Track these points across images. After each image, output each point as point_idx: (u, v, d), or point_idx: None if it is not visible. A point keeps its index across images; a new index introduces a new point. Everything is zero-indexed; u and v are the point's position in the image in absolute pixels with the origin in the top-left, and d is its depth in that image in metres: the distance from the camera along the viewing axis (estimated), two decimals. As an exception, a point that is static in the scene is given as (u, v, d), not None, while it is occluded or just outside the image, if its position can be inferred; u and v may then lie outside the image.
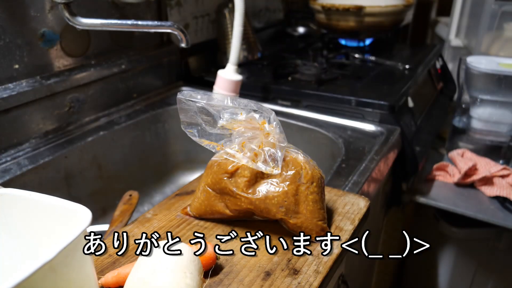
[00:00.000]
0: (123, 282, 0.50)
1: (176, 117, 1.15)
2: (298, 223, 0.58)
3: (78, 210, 0.43)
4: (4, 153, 0.85)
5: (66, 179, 0.90)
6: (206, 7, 1.32)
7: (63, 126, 0.95)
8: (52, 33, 0.89)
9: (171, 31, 0.83)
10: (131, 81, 1.09)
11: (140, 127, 1.06)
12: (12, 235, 0.46)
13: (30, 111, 0.87)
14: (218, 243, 0.59)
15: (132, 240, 0.60)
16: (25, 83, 0.86)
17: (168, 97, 1.17)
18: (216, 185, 0.60)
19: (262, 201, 0.58)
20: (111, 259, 0.57)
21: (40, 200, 0.45)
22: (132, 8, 1.06)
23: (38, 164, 0.84)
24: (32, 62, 0.87)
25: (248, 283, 0.52)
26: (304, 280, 0.52)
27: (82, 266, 0.42)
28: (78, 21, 0.82)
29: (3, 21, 0.81)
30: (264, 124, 0.58)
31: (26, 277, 0.33)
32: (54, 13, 0.88)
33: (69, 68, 0.95)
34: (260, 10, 1.59)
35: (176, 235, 0.61)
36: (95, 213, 0.98)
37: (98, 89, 1.01)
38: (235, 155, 0.58)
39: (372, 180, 0.82)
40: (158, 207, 0.67)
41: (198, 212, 0.63)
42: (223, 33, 1.30)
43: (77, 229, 0.39)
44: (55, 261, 0.37)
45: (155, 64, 1.16)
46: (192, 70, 1.30)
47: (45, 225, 0.45)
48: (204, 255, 0.52)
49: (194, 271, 0.45)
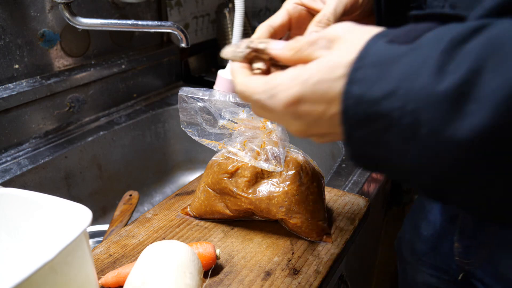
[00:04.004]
0: (123, 282, 0.51)
1: (176, 117, 1.15)
2: (298, 223, 0.58)
3: (78, 210, 0.43)
4: (4, 153, 0.85)
5: (66, 179, 0.90)
6: (206, 7, 1.32)
7: (63, 126, 0.95)
8: (52, 33, 0.89)
9: (171, 31, 0.83)
10: (131, 81, 1.09)
11: (140, 127, 1.06)
12: (12, 235, 0.46)
13: (30, 111, 0.87)
14: (218, 243, 0.59)
15: (132, 240, 0.60)
16: (25, 83, 0.86)
17: (168, 97, 1.17)
18: (216, 185, 0.60)
19: (263, 201, 0.58)
20: (111, 259, 0.57)
21: (40, 200, 0.45)
22: (132, 8, 1.06)
23: (38, 164, 0.84)
24: (32, 62, 0.87)
25: (248, 283, 0.52)
26: (304, 280, 0.52)
27: (82, 266, 0.42)
28: (78, 21, 0.82)
29: (3, 21, 0.81)
30: (266, 122, 0.58)
31: (26, 277, 0.33)
32: (54, 13, 0.88)
33: (69, 68, 0.95)
34: (260, 10, 1.59)
35: (176, 235, 0.61)
36: (95, 213, 0.98)
37: (98, 89, 1.01)
38: (238, 153, 0.58)
39: (372, 180, 0.82)
40: (158, 207, 0.67)
41: (198, 212, 0.63)
42: (223, 33, 1.30)
43: (77, 229, 0.39)
44: (55, 261, 0.37)
45: (155, 64, 1.16)
46: (192, 70, 1.30)
47: (45, 225, 0.45)
48: (204, 255, 0.52)
49: (194, 271, 0.45)
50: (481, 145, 0.25)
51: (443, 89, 0.26)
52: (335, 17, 0.43)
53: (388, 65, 0.29)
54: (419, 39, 0.29)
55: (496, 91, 0.24)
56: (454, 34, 0.27)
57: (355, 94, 0.29)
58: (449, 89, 0.26)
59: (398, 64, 0.28)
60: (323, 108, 0.32)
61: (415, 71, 0.27)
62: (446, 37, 0.28)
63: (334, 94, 0.31)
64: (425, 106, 0.26)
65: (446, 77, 0.26)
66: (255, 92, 0.35)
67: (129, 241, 0.60)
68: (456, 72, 0.26)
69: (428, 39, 0.29)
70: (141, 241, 0.60)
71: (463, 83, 0.25)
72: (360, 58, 0.30)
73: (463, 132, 0.25)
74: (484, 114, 0.24)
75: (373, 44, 0.30)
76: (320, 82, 0.32)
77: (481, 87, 0.25)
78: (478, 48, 0.26)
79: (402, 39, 0.30)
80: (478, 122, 0.25)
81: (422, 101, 0.27)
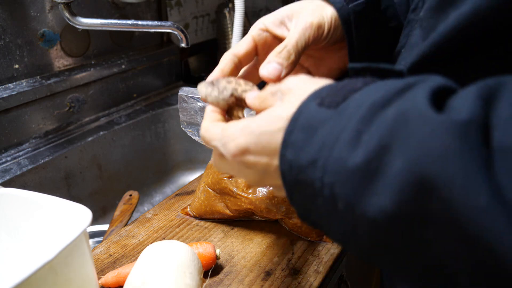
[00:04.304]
0: (123, 282, 0.51)
1: (176, 117, 1.15)
2: (298, 223, 0.58)
3: (78, 210, 0.43)
4: (4, 153, 0.85)
5: (66, 179, 0.90)
6: (206, 7, 1.32)
7: (63, 126, 0.95)
8: (52, 33, 0.89)
9: (171, 31, 0.83)
10: (131, 81, 1.09)
11: (140, 127, 1.06)
12: (12, 235, 0.46)
13: (30, 111, 0.87)
14: (218, 243, 0.59)
15: (132, 240, 0.60)
16: (25, 83, 0.86)
17: (168, 97, 1.17)
18: (216, 185, 0.60)
19: (263, 201, 0.58)
20: (111, 259, 0.57)
21: (40, 200, 0.45)
22: (132, 8, 1.06)
23: (38, 164, 0.84)
24: (32, 62, 0.87)
25: (248, 283, 0.52)
26: (304, 280, 0.52)
27: (82, 266, 0.42)
28: (78, 21, 0.82)
29: (3, 21, 0.81)
30: None
31: (26, 277, 0.33)
32: (54, 13, 0.88)
33: (69, 68, 0.95)
34: (260, 10, 1.59)
35: (176, 235, 0.61)
36: (95, 213, 0.98)
37: (98, 89, 1.01)
38: None
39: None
40: (158, 207, 0.67)
41: (198, 212, 0.63)
42: (223, 33, 1.30)
43: (77, 229, 0.39)
44: (55, 261, 0.37)
45: (155, 64, 1.16)
46: (192, 70, 1.30)
47: (45, 225, 0.45)
48: (204, 255, 0.52)
49: (194, 271, 0.45)
50: (388, 225, 0.24)
51: (354, 163, 0.25)
52: (296, 50, 0.42)
53: (313, 131, 0.28)
54: (345, 102, 0.28)
55: (399, 173, 0.23)
56: (376, 98, 0.27)
57: (288, 159, 0.29)
58: (360, 163, 0.25)
59: (322, 130, 0.28)
60: (266, 160, 0.32)
61: (334, 139, 0.27)
62: (367, 101, 0.27)
63: (275, 146, 0.31)
64: (339, 179, 0.26)
65: (358, 150, 0.25)
66: (212, 139, 0.36)
67: (129, 241, 0.60)
68: (367, 145, 0.25)
69: (352, 103, 0.28)
70: (141, 241, 0.60)
71: (372, 159, 0.25)
72: (293, 120, 0.30)
73: (373, 210, 0.25)
74: (388, 196, 0.24)
75: (305, 106, 0.30)
76: (263, 133, 0.32)
77: (387, 165, 0.24)
78: (390, 119, 0.25)
79: (331, 101, 0.29)
80: (384, 203, 0.24)
81: (337, 174, 0.26)
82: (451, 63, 0.34)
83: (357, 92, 0.28)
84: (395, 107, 0.25)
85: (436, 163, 0.22)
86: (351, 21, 0.45)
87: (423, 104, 0.24)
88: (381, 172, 0.24)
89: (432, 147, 0.23)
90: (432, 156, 0.22)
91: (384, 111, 0.26)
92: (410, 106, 0.24)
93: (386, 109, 0.26)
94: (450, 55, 0.34)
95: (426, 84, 0.26)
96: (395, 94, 0.26)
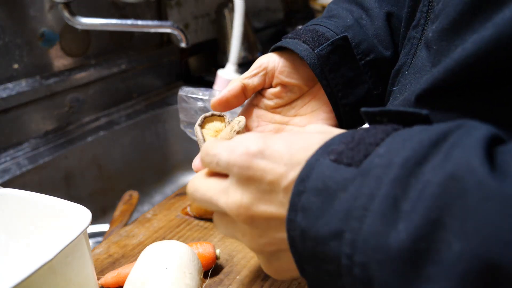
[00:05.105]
0: (123, 282, 0.50)
1: (176, 117, 1.15)
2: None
3: (78, 210, 0.43)
4: (4, 153, 0.84)
5: (66, 179, 0.90)
6: (206, 7, 1.32)
7: (63, 126, 0.95)
8: (52, 33, 0.89)
9: (171, 31, 0.83)
10: (131, 81, 1.09)
11: (140, 127, 1.06)
12: (12, 235, 0.46)
13: (30, 111, 0.87)
14: (218, 243, 0.59)
15: (132, 240, 0.60)
16: (25, 83, 0.86)
17: (168, 97, 1.17)
18: (216, 185, 0.60)
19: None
20: (111, 259, 0.56)
21: (40, 200, 0.45)
22: (132, 8, 1.06)
23: (38, 164, 0.84)
24: (31, 62, 0.87)
25: (248, 283, 0.51)
26: (305, 280, 0.52)
27: (82, 266, 0.42)
28: (78, 21, 0.82)
29: (3, 21, 0.81)
30: None
31: (26, 277, 0.33)
32: (54, 13, 0.88)
33: (69, 68, 0.95)
34: (260, 10, 1.59)
35: (176, 235, 0.61)
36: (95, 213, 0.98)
37: (98, 89, 1.01)
38: None
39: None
40: (158, 207, 0.67)
41: (198, 212, 0.63)
42: (223, 33, 1.30)
43: (77, 229, 0.39)
44: (55, 261, 0.37)
45: (155, 64, 1.16)
46: (192, 70, 1.30)
47: (45, 225, 0.45)
48: (204, 255, 0.52)
49: (194, 271, 0.45)
50: None
51: (397, 242, 0.21)
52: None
53: (332, 194, 0.24)
54: (367, 159, 0.24)
55: (460, 258, 0.20)
56: (408, 154, 0.22)
57: (300, 225, 0.25)
58: (405, 244, 0.21)
59: (344, 195, 0.23)
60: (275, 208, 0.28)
61: (362, 207, 0.22)
62: (397, 158, 0.23)
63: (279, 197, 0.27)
64: (377, 260, 0.22)
65: (399, 225, 0.21)
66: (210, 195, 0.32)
67: (129, 241, 0.60)
68: (411, 219, 0.21)
69: (376, 160, 0.23)
70: (141, 241, 0.60)
71: (420, 237, 0.21)
72: (302, 178, 0.25)
73: None
74: (448, 285, 0.20)
75: (315, 161, 0.25)
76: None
77: (442, 247, 0.20)
78: (436, 185, 0.21)
79: (349, 157, 0.25)
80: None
81: (373, 255, 0.22)
82: (468, 93, 0.30)
83: (379, 145, 0.24)
84: (438, 167, 0.21)
85: (509, 248, 0.19)
86: (321, 65, 0.45)
87: (479, 167, 0.20)
88: (433, 254, 0.20)
89: (502, 228, 0.19)
90: (503, 239, 0.19)
91: (422, 171, 0.22)
92: (461, 169, 0.21)
93: (424, 168, 0.22)
94: (467, 84, 0.30)
95: (472, 137, 0.22)
96: (431, 146, 0.22)
